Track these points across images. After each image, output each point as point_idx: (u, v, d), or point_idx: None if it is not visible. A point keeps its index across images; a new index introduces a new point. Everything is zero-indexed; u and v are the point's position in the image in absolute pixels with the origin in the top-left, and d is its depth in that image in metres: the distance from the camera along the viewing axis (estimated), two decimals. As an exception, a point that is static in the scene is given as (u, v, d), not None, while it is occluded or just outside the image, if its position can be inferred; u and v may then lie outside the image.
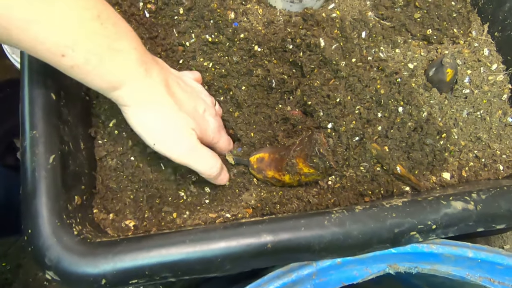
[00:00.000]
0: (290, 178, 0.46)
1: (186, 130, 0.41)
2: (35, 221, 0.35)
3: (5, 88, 1.07)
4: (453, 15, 0.59)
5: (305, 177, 0.46)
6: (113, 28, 0.35)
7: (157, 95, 0.39)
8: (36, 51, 0.32)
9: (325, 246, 0.38)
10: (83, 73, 0.35)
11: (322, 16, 0.55)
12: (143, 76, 0.38)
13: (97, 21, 0.34)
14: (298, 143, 0.47)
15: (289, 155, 0.46)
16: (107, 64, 0.35)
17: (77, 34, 0.33)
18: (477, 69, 0.56)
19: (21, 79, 0.40)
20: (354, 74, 0.51)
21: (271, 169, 0.47)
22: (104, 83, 0.36)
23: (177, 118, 0.40)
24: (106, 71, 0.35)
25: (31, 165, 0.37)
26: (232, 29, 0.53)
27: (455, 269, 0.43)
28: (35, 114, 0.38)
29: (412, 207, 0.40)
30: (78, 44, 0.33)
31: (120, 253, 0.35)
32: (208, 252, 0.36)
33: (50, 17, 0.31)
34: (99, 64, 0.34)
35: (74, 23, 0.32)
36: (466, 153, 0.53)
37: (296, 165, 0.45)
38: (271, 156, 0.47)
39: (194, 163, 0.42)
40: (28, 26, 0.31)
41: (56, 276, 0.34)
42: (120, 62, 0.36)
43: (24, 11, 0.30)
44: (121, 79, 0.36)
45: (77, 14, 0.32)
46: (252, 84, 0.52)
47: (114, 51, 0.35)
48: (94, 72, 0.35)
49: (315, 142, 0.44)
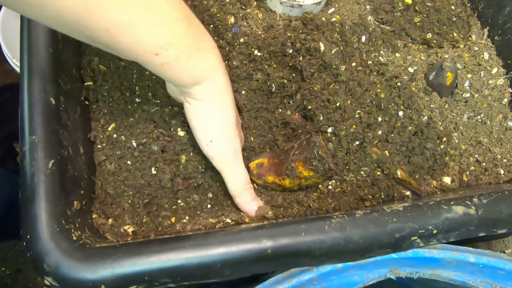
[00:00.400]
0: (290, 182, 0.46)
1: (234, 129, 0.43)
2: (34, 226, 0.35)
3: (4, 93, 1.07)
4: (453, 19, 0.59)
5: (305, 181, 0.46)
6: (197, 28, 0.38)
7: (226, 91, 0.42)
8: (131, 51, 0.35)
9: (326, 251, 0.37)
10: (171, 70, 0.37)
11: (322, 20, 0.55)
12: (222, 73, 0.41)
13: (186, 22, 0.37)
14: (297, 147, 0.47)
15: (288, 159, 0.46)
16: (194, 61, 0.38)
17: (171, 35, 0.36)
18: (477, 73, 0.56)
19: (20, 84, 0.40)
20: (354, 78, 0.51)
21: (270, 174, 0.47)
22: (189, 78, 0.39)
23: (233, 115, 0.43)
24: (192, 67, 0.38)
25: (30, 170, 0.37)
26: (232, 34, 0.53)
27: (456, 274, 0.43)
28: (34, 119, 0.38)
29: (413, 211, 0.40)
30: (172, 44, 0.36)
31: (119, 258, 0.34)
32: (208, 257, 0.35)
33: (150, 20, 0.34)
34: (187, 61, 0.37)
35: (170, 25, 0.35)
36: (466, 157, 0.52)
37: (295, 169, 0.45)
38: (271, 161, 0.47)
39: (233, 171, 0.44)
40: (130, 29, 0.33)
41: (54, 282, 0.34)
42: (204, 59, 0.39)
43: (128, 15, 0.32)
44: (205, 74, 0.40)
45: (171, 16, 0.35)
46: (252, 89, 0.52)
47: (199, 49, 0.38)
48: (181, 68, 0.38)
49: (313, 145, 0.44)
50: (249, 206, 0.44)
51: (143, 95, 0.49)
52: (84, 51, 0.50)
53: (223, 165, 0.44)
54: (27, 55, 0.41)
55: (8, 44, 0.78)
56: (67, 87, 0.44)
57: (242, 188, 0.44)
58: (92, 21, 0.31)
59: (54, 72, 0.42)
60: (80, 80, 0.48)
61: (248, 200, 0.45)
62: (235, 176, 0.44)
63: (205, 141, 0.42)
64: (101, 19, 0.32)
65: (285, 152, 0.48)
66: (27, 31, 0.43)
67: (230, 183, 0.44)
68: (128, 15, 0.32)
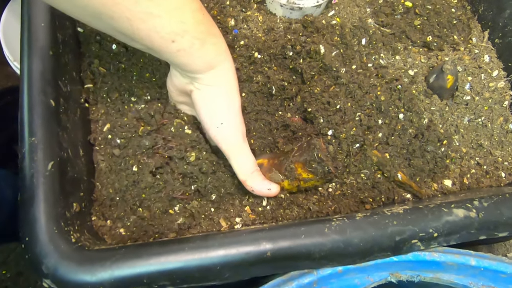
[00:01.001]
0: (289, 184, 0.46)
1: (240, 114, 0.45)
2: (33, 228, 0.35)
3: (6, 96, 1.07)
4: (453, 22, 0.59)
5: (304, 183, 0.45)
6: (208, 17, 0.40)
7: (234, 77, 0.44)
8: (148, 38, 0.37)
9: (326, 254, 0.37)
10: (186, 56, 0.39)
11: (322, 23, 0.55)
12: (230, 59, 0.43)
13: (201, 11, 0.39)
14: (297, 149, 0.46)
15: (288, 161, 0.45)
16: (207, 47, 0.40)
17: (188, 23, 0.38)
18: (478, 75, 0.56)
19: (20, 86, 0.40)
20: (354, 81, 0.51)
21: (270, 175, 0.46)
22: (203, 64, 0.41)
23: (240, 101, 0.45)
24: (205, 53, 0.40)
25: (29, 172, 0.37)
26: (232, 36, 0.53)
27: (457, 277, 0.43)
28: (34, 121, 0.38)
29: (413, 214, 0.40)
30: (187, 31, 0.38)
31: (118, 261, 0.34)
32: (207, 260, 0.35)
33: (168, 9, 0.36)
34: (201, 47, 0.39)
35: (187, 14, 0.37)
36: (467, 160, 0.52)
37: (295, 170, 0.45)
38: (270, 162, 0.47)
39: (242, 155, 0.44)
40: (150, 18, 0.36)
41: (53, 284, 0.34)
42: (216, 45, 0.41)
43: (148, 5, 0.35)
44: (217, 59, 0.41)
45: (189, 6, 0.38)
46: (252, 91, 0.52)
47: (212, 35, 0.40)
48: (196, 55, 0.40)
49: (314, 147, 0.44)
50: (261, 187, 0.45)
51: (142, 95, 0.49)
52: (84, 54, 0.50)
53: (233, 148, 0.44)
54: (27, 58, 0.42)
55: (10, 47, 0.78)
56: (67, 89, 0.44)
57: (252, 170, 0.45)
58: (116, 9, 0.34)
59: (54, 75, 0.42)
60: (80, 83, 0.48)
61: (259, 181, 0.45)
62: (245, 159, 0.45)
63: (215, 124, 0.43)
64: (123, 7, 0.34)
65: (285, 154, 0.48)
66: (28, 33, 0.43)
67: (241, 167, 0.44)
68: (147, 4, 0.35)
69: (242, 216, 0.44)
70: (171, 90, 0.48)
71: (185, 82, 0.44)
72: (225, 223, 0.43)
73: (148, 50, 0.40)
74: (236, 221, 0.43)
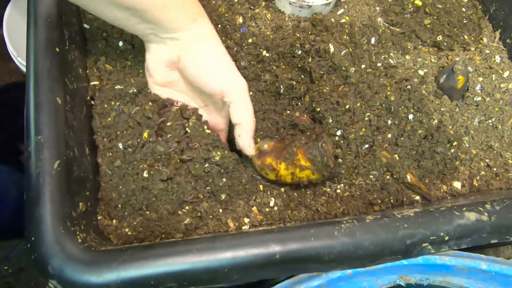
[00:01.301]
0: (285, 168, 0.44)
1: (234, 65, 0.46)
2: (39, 228, 0.34)
3: (9, 91, 1.07)
4: (464, 22, 0.58)
5: (300, 170, 0.44)
6: None
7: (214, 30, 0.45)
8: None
9: (335, 257, 0.37)
10: (172, 10, 0.41)
11: (331, 21, 0.54)
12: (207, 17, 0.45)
13: None
14: (304, 138, 0.46)
15: (291, 146, 0.45)
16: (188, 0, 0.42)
17: None
18: (489, 76, 0.55)
19: (26, 83, 0.40)
20: (363, 81, 0.50)
21: (270, 156, 0.46)
22: (188, 16, 0.42)
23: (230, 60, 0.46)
24: (190, 5, 0.42)
25: (35, 171, 0.36)
26: (240, 34, 0.52)
27: (468, 281, 0.42)
28: (40, 119, 0.38)
29: (424, 217, 0.39)
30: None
31: (125, 262, 0.34)
32: (215, 262, 0.35)
33: None
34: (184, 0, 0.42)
35: None
36: (477, 161, 0.52)
37: (295, 155, 0.44)
38: (276, 145, 0.46)
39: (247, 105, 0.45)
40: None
41: (59, 285, 0.33)
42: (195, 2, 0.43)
43: None
44: (198, 11, 0.44)
45: None
46: (260, 90, 0.51)
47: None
48: (180, 7, 0.41)
49: (321, 139, 0.44)
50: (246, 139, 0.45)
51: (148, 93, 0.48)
52: (90, 51, 0.49)
53: (236, 95, 0.44)
54: (33, 54, 0.41)
55: (14, 43, 0.77)
56: (74, 86, 0.43)
57: (251, 119, 0.45)
58: None
59: (61, 72, 0.41)
60: (86, 80, 0.47)
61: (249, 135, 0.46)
62: (248, 107, 0.45)
63: (212, 76, 0.44)
64: None
65: (292, 141, 0.47)
66: (34, 30, 0.42)
67: (243, 112, 0.45)
68: None
69: (250, 217, 0.43)
70: (155, 73, 0.46)
71: (170, 51, 0.44)
72: (232, 223, 0.43)
73: (131, 14, 0.40)
74: (244, 221, 0.43)
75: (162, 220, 0.42)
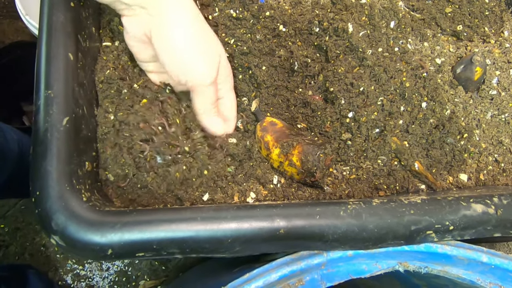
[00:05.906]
0: (277, 154, 0.45)
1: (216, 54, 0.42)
2: (44, 183, 0.34)
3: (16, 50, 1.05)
4: (486, 13, 0.57)
5: (288, 165, 0.45)
6: None
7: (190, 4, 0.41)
8: None
9: (339, 237, 0.37)
10: None
11: (352, 1, 0.53)
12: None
13: None
14: (310, 137, 0.46)
15: (295, 138, 0.45)
16: None
17: None
18: (507, 70, 0.54)
19: (38, 36, 0.39)
20: (380, 64, 0.49)
21: (272, 136, 0.46)
22: None
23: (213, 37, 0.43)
24: None
25: (43, 126, 0.35)
26: (258, 6, 0.51)
27: (466, 272, 0.42)
28: (51, 73, 0.37)
29: (431, 205, 0.39)
30: None
31: (129, 224, 0.33)
32: (219, 231, 0.35)
33: None
34: None
35: None
36: (486, 156, 0.51)
37: (291, 148, 0.44)
38: (283, 129, 0.46)
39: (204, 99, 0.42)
40: None
41: (61, 241, 0.33)
42: None
43: None
44: None
45: None
46: (273, 65, 0.50)
47: None
48: None
49: (324, 148, 0.43)
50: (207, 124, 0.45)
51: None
52: (104, 10, 0.48)
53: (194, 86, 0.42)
54: (47, 8, 0.40)
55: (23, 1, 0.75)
56: (86, 44, 0.42)
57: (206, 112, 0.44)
58: None
59: (75, 28, 0.40)
60: (99, 40, 0.46)
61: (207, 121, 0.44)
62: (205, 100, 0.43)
63: (172, 60, 0.40)
64: None
65: (299, 134, 0.47)
66: (49, -18, 0.41)
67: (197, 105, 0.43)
68: None
69: (256, 192, 0.43)
70: (134, 50, 0.44)
71: (140, 24, 0.40)
72: (237, 197, 0.42)
73: None
74: (250, 195, 0.43)
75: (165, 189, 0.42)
